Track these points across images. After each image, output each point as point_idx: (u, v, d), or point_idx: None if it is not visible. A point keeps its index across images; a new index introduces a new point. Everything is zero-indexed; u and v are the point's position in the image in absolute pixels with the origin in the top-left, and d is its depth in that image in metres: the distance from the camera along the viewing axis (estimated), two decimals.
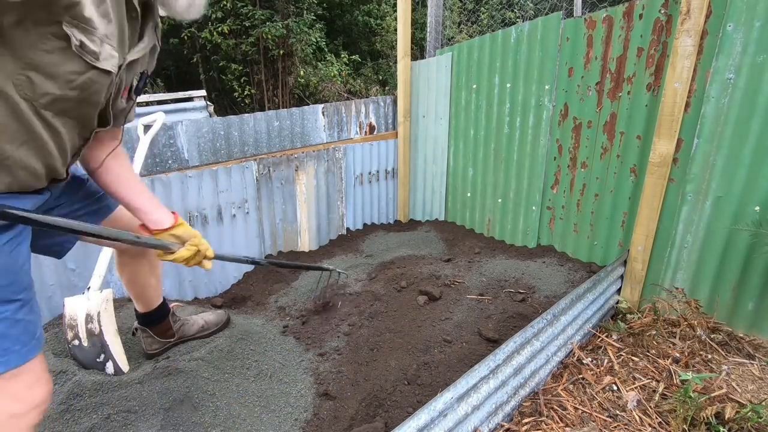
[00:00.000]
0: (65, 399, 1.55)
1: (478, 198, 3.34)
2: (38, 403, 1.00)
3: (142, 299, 1.74)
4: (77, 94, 0.93)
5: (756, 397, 1.67)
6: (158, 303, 1.79)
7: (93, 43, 0.89)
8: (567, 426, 1.59)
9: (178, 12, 1.05)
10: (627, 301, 2.30)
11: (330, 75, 7.30)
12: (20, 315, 0.96)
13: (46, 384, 1.04)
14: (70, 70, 0.89)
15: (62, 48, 0.86)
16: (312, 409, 1.74)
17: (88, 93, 0.96)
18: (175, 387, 1.66)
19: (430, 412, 1.30)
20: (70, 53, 0.87)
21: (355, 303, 2.45)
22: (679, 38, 1.92)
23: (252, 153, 2.94)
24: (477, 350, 1.95)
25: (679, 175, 2.09)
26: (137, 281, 1.66)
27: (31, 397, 0.99)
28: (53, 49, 0.85)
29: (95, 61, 0.91)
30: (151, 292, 1.73)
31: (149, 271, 1.66)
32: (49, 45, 0.85)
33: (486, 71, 3.05)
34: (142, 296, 1.73)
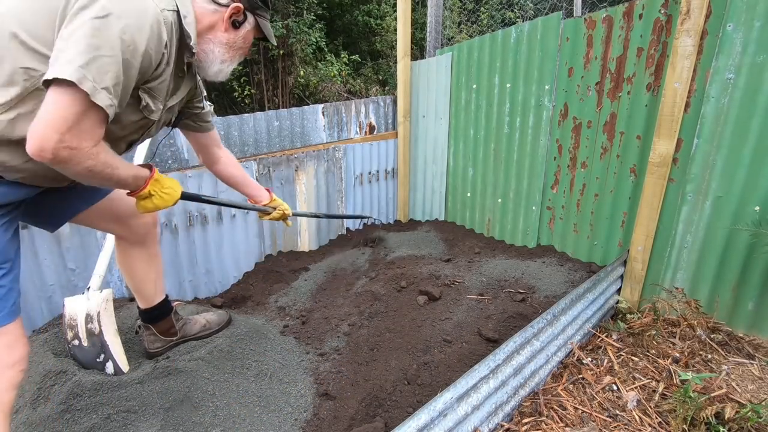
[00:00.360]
0: (65, 399, 1.55)
1: (478, 198, 3.34)
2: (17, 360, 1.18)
3: (141, 293, 1.77)
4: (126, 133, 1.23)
5: (756, 397, 1.67)
6: (160, 299, 1.81)
7: (154, 105, 1.19)
8: (567, 426, 1.59)
9: (209, 76, 1.33)
10: (627, 301, 2.30)
11: (330, 75, 7.29)
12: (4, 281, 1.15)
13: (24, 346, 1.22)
14: (131, 120, 1.19)
15: (132, 105, 1.15)
16: (312, 409, 1.74)
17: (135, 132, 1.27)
18: (175, 387, 1.66)
19: (430, 412, 1.30)
20: (135, 108, 1.16)
21: (355, 303, 2.45)
22: (679, 38, 1.92)
23: (252, 153, 2.93)
24: (477, 350, 1.95)
25: (679, 175, 2.09)
26: (136, 271, 1.70)
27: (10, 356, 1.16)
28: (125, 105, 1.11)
29: (150, 115, 1.20)
30: (150, 286, 1.76)
31: (147, 261, 1.72)
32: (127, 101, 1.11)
33: (486, 71, 3.05)
34: (141, 289, 1.76)
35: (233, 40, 1.28)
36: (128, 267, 1.71)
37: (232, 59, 1.32)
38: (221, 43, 1.26)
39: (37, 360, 1.74)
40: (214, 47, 1.26)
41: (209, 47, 1.26)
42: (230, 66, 1.33)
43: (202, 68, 1.30)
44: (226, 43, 1.27)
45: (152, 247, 1.72)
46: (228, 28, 1.25)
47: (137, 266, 1.70)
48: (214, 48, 1.26)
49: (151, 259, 1.73)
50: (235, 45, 1.30)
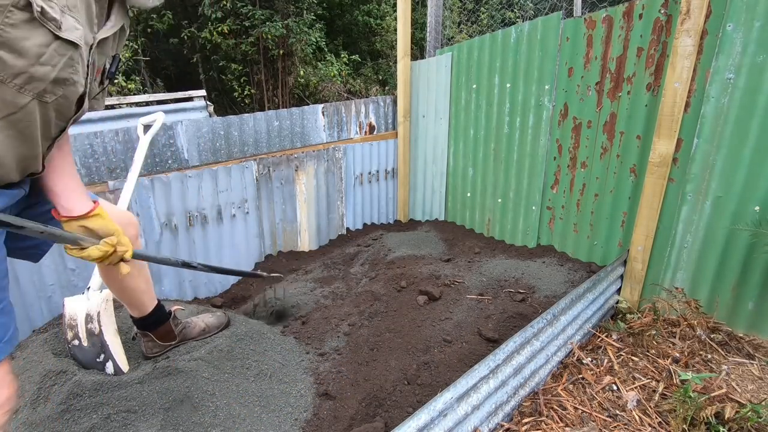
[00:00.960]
0: (65, 399, 1.55)
1: (478, 198, 3.34)
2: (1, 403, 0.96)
3: (133, 304, 1.70)
4: (49, 71, 0.90)
5: (756, 396, 1.67)
6: (152, 306, 1.74)
7: (53, 10, 0.87)
8: (567, 426, 1.59)
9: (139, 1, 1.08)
10: (627, 301, 2.30)
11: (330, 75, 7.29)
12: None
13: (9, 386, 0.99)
14: (36, 42, 0.86)
15: (26, 20, 0.84)
16: (312, 409, 1.74)
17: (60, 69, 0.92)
18: (175, 387, 1.66)
19: (430, 412, 1.30)
20: (34, 24, 0.85)
21: (355, 303, 2.45)
22: (679, 38, 1.92)
23: (252, 153, 2.93)
24: (477, 350, 1.95)
25: (679, 175, 2.09)
26: (125, 286, 1.60)
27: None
28: (17, 22, 0.83)
29: (57, 30, 0.88)
30: (141, 297, 1.68)
31: (135, 273, 1.59)
32: (12, 18, 0.83)
33: (486, 71, 3.05)
34: (133, 302, 1.68)
35: None
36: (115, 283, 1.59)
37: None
38: None
39: (37, 360, 1.74)
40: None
41: None
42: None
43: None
44: None
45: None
46: None
47: (126, 281, 1.58)
48: None
49: (138, 271, 1.60)
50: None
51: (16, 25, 0.83)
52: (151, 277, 2.37)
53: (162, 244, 2.57)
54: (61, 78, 0.93)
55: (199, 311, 2.19)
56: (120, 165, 2.43)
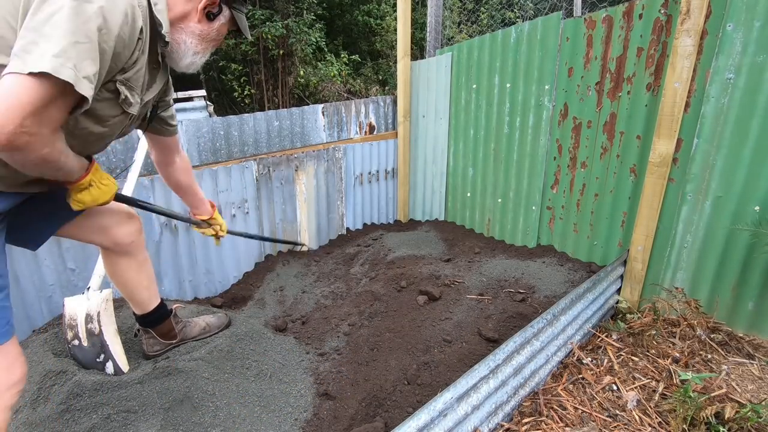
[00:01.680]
0: (65, 399, 1.55)
1: (478, 198, 3.34)
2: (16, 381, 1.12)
3: (135, 300, 1.74)
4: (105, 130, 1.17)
5: (756, 396, 1.67)
6: (155, 304, 1.78)
7: (131, 97, 1.14)
8: (567, 426, 1.59)
9: (180, 67, 1.30)
10: (627, 301, 2.30)
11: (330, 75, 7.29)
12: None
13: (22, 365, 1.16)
14: (110, 114, 1.14)
15: (109, 98, 1.10)
16: (312, 409, 1.74)
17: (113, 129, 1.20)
18: (175, 387, 1.66)
19: (430, 412, 1.30)
20: (113, 103, 1.12)
21: (355, 303, 2.46)
22: (679, 38, 1.92)
23: (252, 153, 2.93)
24: (477, 350, 1.95)
25: (679, 175, 2.09)
26: (127, 280, 1.67)
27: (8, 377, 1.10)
28: (103, 99, 1.08)
29: (127, 108, 1.15)
30: (143, 293, 1.73)
31: (137, 269, 1.68)
32: (101, 95, 1.07)
33: (486, 71, 3.05)
34: (134, 297, 1.72)
35: (207, 32, 1.25)
36: (119, 277, 1.67)
37: (204, 51, 1.29)
38: (194, 34, 1.23)
39: (37, 360, 1.74)
40: (186, 38, 1.23)
41: (182, 37, 1.22)
42: (202, 58, 1.30)
43: (173, 60, 1.26)
44: (199, 35, 1.24)
45: (140, 254, 1.68)
46: (202, 19, 1.22)
47: (128, 276, 1.66)
48: (187, 39, 1.23)
49: (140, 266, 1.69)
50: (209, 37, 1.27)
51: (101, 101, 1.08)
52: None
53: (162, 244, 2.57)
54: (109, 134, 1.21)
55: (200, 311, 2.19)
56: (120, 165, 2.43)
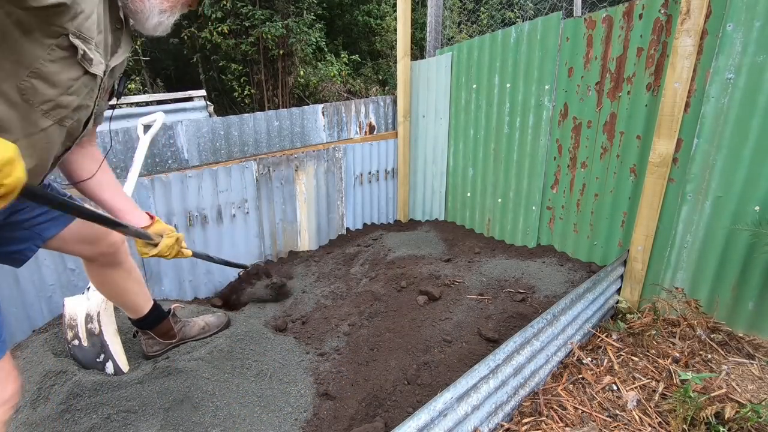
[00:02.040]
0: (65, 399, 1.55)
1: (478, 198, 3.34)
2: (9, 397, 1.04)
3: (128, 307, 1.71)
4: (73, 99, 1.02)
5: (756, 396, 1.67)
6: (148, 308, 1.75)
7: (90, 52, 1.00)
8: (567, 426, 1.59)
9: (147, 29, 1.16)
10: (627, 301, 2.30)
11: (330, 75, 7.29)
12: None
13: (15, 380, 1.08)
14: (69, 77, 0.98)
15: (65, 57, 0.95)
16: (312, 409, 1.74)
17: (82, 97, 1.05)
18: (175, 387, 1.66)
19: (430, 412, 1.30)
20: (71, 62, 0.97)
21: (355, 303, 2.46)
22: (679, 38, 1.92)
23: (252, 153, 2.93)
24: (477, 350, 1.95)
25: (679, 175, 2.09)
26: (115, 289, 1.62)
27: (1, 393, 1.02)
28: (57, 59, 0.94)
29: (90, 67, 1.01)
30: (134, 298, 1.68)
31: (124, 278, 1.61)
32: (53, 55, 0.93)
33: (486, 71, 3.05)
34: (127, 304, 1.69)
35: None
36: (106, 288, 1.62)
37: (171, 9, 1.16)
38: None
39: (37, 360, 1.74)
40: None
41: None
42: (170, 18, 1.17)
43: (138, 20, 1.14)
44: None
45: (125, 262, 1.60)
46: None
47: (116, 285, 1.61)
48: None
49: (128, 274, 1.62)
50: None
51: (55, 60, 0.94)
52: (151, 277, 2.38)
53: None
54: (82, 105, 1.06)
55: (200, 311, 2.19)
56: (120, 165, 2.43)
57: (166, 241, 1.44)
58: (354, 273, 2.91)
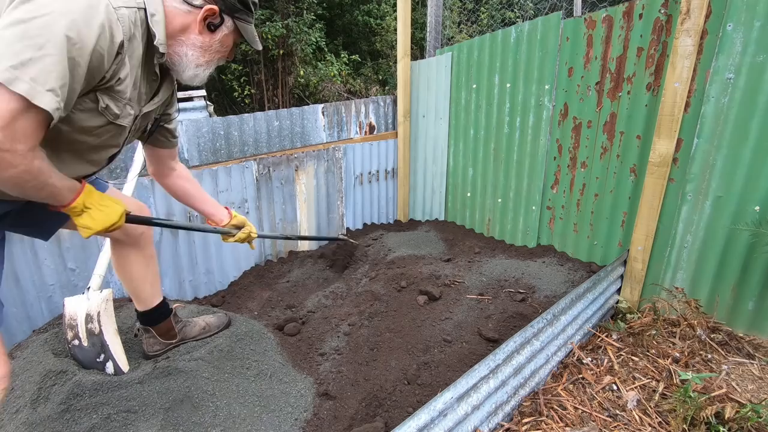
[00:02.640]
0: (65, 399, 1.55)
1: (478, 198, 3.34)
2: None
3: (139, 295, 1.75)
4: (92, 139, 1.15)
5: (756, 396, 1.67)
6: (157, 301, 1.79)
7: (117, 108, 1.12)
8: (567, 426, 1.59)
9: (184, 80, 1.27)
10: (627, 301, 2.30)
11: (330, 75, 7.29)
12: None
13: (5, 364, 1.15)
14: (94, 125, 1.11)
15: (92, 108, 1.08)
16: (312, 409, 1.74)
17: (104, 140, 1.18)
18: (175, 387, 1.66)
19: (430, 412, 1.30)
20: (95, 112, 1.09)
21: (355, 303, 2.45)
22: (679, 38, 1.92)
23: (252, 153, 2.93)
24: (477, 350, 1.95)
25: (679, 175, 2.09)
26: (133, 273, 1.69)
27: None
28: (85, 109, 1.07)
29: (115, 119, 1.14)
30: (147, 288, 1.75)
31: (143, 264, 1.70)
32: (83, 106, 1.06)
33: (486, 71, 3.05)
34: (138, 291, 1.74)
35: (208, 43, 1.22)
36: (125, 270, 1.69)
37: (208, 63, 1.25)
38: (195, 46, 1.20)
39: (37, 360, 1.74)
40: (187, 50, 1.20)
41: (182, 50, 1.19)
42: (206, 70, 1.27)
43: (176, 71, 1.25)
44: (201, 47, 1.21)
45: (147, 248, 1.70)
46: (202, 30, 1.19)
47: (134, 269, 1.68)
48: (188, 51, 1.20)
49: (147, 261, 1.71)
50: (211, 49, 1.23)
51: (83, 111, 1.07)
52: None
53: (162, 244, 2.57)
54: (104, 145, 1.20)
55: (200, 311, 2.19)
56: (120, 165, 2.43)
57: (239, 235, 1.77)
58: (354, 273, 2.91)
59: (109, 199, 1.23)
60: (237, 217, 1.77)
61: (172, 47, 1.18)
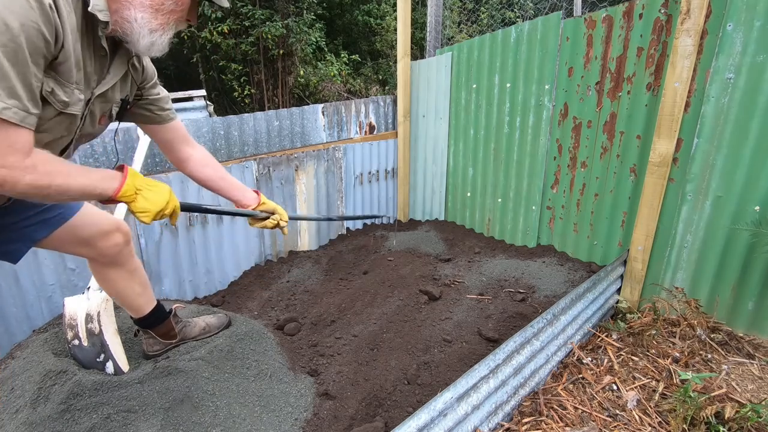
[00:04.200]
0: (65, 399, 1.55)
1: (478, 198, 3.34)
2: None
3: (131, 307, 1.72)
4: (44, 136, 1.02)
5: (756, 396, 1.67)
6: (150, 308, 1.75)
7: (65, 94, 0.99)
8: (567, 426, 1.59)
9: (140, 50, 1.10)
10: (627, 301, 2.30)
11: (330, 75, 7.29)
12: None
13: None
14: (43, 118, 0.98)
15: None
16: (312, 408, 1.74)
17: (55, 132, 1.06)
18: (175, 387, 1.66)
19: (430, 412, 1.30)
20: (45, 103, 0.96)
21: (355, 303, 2.45)
22: (679, 38, 1.92)
23: (252, 153, 2.93)
24: (477, 350, 1.95)
25: (679, 175, 2.09)
26: (117, 289, 1.63)
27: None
28: None
29: (65, 108, 1.01)
30: (136, 299, 1.69)
31: (128, 277, 1.62)
32: None
33: (486, 71, 3.05)
34: (127, 304, 1.70)
35: (159, 2, 1.04)
36: (109, 288, 1.63)
37: (163, 27, 1.07)
38: (143, 6, 1.02)
39: (37, 360, 1.74)
40: (135, 13, 1.02)
41: (129, 13, 1.02)
42: (163, 36, 1.08)
43: (129, 42, 1.07)
44: (151, 6, 1.03)
45: (129, 263, 1.61)
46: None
47: (118, 285, 1.62)
48: (136, 14, 1.02)
49: (131, 275, 1.63)
50: (164, 8, 1.05)
51: None
52: (151, 277, 2.37)
53: (162, 244, 2.57)
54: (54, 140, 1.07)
55: (200, 311, 2.19)
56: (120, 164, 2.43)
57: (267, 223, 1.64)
58: (354, 273, 2.91)
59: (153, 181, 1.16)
60: (267, 203, 1.67)
61: (117, 13, 1.02)
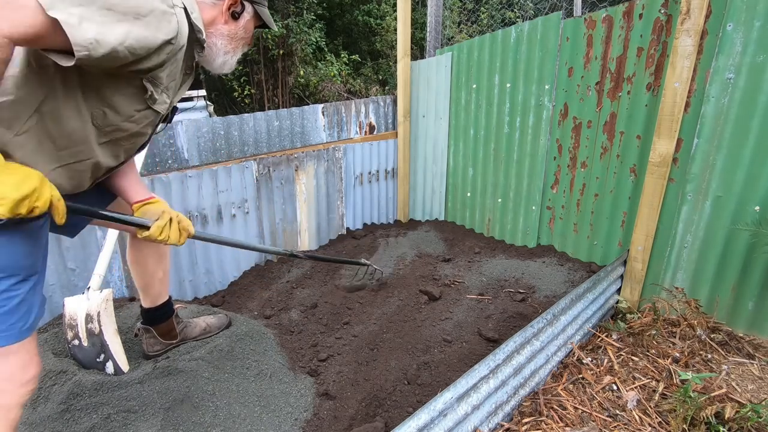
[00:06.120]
0: (65, 399, 1.55)
1: (478, 198, 3.34)
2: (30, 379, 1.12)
3: (148, 291, 1.76)
4: (132, 126, 1.20)
5: (756, 396, 1.67)
6: (164, 300, 1.81)
7: (156, 93, 1.19)
8: (567, 426, 1.59)
9: (215, 69, 1.34)
10: (627, 301, 2.30)
11: (330, 75, 7.29)
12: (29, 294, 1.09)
13: (37, 365, 1.15)
14: (134, 108, 1.17)
15: (135, 93, 1.14)
16: (312, 409, 1.74)
17: (141, 126, 1.23)
18: (175, 387, 1.66)
19: (430, 412, 1.30)
20: (138, 98, 1.16)
21: (355, 303, 2.45)
22: (679, 38, 1.92)
23: (252, 153, 2.93)
24: (477, 350, 1.95)
25: (679, 175, 2.09)
26: (146, 268, 1.71)
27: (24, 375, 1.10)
28: (129, 95, 1.13)
29: (153, 104, 1.20)
30: (157, 285, 1.77)
31: (157, 259, 1.72)
32: (127, 91, 1.12)
33: (486, 71, 3.05)
34: (148, 287, 1.75)
35: (234, 31, 1.31)
36: (139, 263, 1.71)
37: (234, 50, 1.35)
38: (223, 36, 1.30)
39: None
40: (216, 40, 1.29)
41: (212, 41, 1.29)
42: (234, 57, 1.36)
43: (207, 62, 1.33)
44: (228, 35, 1.30)
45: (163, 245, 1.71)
46: (228, 19, 1.29)
47: (148, 262, 1.70)
48: (217, 41, 1.29)
49: (160, 258, 1.73)
50: (237, 36, 1.33)
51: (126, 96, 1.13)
52: None
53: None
54: (140, 132, 1.25)
55: (200, 311, 2.19)
56: None
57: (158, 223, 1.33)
58: (353, 273, 2.91)
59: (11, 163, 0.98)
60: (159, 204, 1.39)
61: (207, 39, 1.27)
